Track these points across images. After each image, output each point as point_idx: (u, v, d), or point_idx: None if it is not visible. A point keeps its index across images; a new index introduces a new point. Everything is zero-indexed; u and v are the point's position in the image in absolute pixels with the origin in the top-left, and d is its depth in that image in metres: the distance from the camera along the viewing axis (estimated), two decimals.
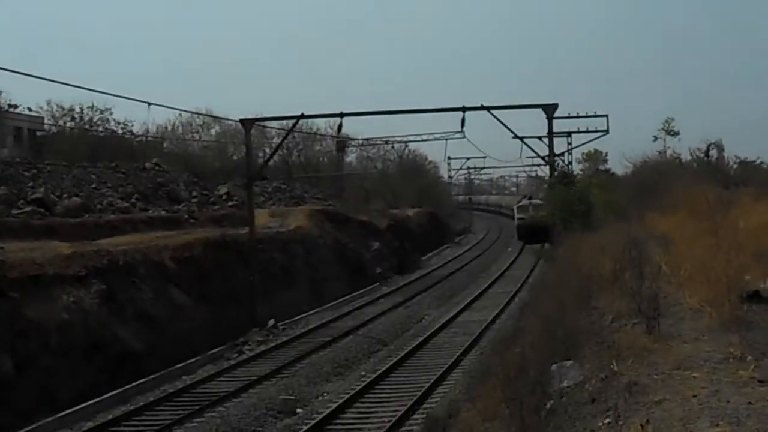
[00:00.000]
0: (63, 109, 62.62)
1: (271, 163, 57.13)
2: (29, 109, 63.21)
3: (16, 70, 25.96)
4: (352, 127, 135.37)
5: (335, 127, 55.52)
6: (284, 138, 54.19)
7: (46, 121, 64.07)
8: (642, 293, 13.17)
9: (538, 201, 71.51)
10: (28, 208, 38.87)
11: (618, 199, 36.04)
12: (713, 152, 43.38)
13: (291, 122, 47.49)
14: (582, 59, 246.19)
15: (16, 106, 61.48)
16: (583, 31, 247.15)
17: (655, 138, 53.49)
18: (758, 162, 40.70)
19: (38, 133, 62.39)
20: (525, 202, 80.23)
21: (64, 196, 43.21)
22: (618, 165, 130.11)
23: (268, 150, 66.36)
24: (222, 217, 49.19)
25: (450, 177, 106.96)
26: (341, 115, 41.86)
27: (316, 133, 77.30)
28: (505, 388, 13.22)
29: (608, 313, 14.34)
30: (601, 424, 9.09)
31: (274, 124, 57.97)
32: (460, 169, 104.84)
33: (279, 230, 46.75)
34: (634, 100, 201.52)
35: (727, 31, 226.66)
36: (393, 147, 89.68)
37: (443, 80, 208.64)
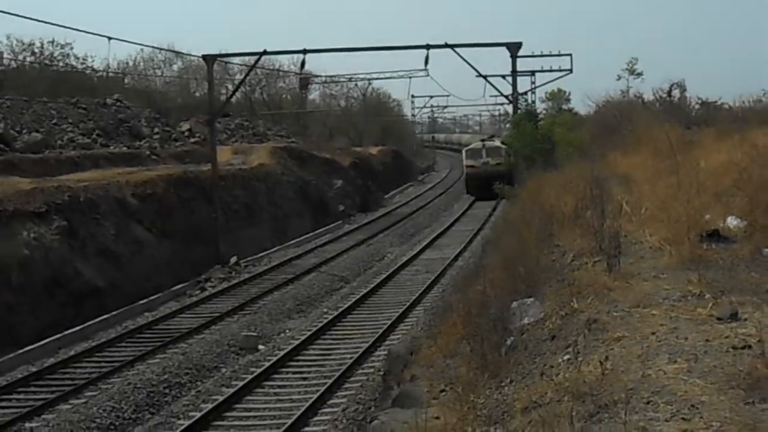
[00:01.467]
0: (23, 43, 61.52)
1: (233, 99, 56.86)
2: None
3: None
4: (315, 65, 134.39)
5: (298, 64, 55.16)
6: (246, 74, 53.81)
7: (5, 55, 62.98)
8: (603, 232, 13.26)
9: (495, 143, 62.81)
10: None
11: (581, 138, 36.14)
12: (676, 92, 43.49)
13: (254, 59, 47.05)
14: None
15: None
16: None
17: (619, 77, 53.47)
18: (720, 103, 40.84)
19: None
20: (477, 144, 66.40)
21: (24, 131, 42.69)
22: (581, 104, 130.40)
23: (230, 86, 65.87)
24: (184, 154, 48.89)
25: (413, 115, 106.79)
26: (304, 51, 41.52)
27: (279, 70, 76.82)
28: (466, 325, 13.33)
29: (569, 252, 14.44)
30: (560, 360, 9.18)
31: (236, 60, 57.48)
32: (424, 107, 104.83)
33: (241, 167, 46.56)
34: (597, 40, 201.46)
35: None
36: (356, 84, 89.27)
37: (407, 17, 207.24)
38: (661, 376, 7.78)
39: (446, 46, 39.94)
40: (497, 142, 62.58)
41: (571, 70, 44.47)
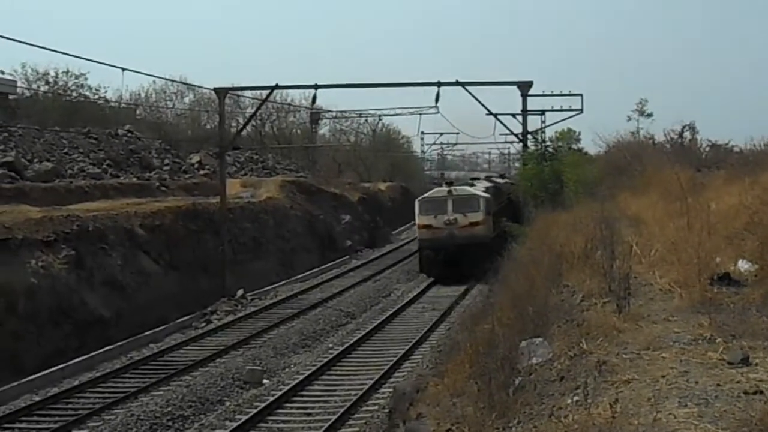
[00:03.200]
0: (37, 73, 61.89)
1: (244, 133, 56.92)
2: (2, 72, 62.47)
3: None
4: (326, 100, 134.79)
5: (309, 99, 55.35)
6: (258, 108, 53.87)
7: (19, 84, 63.35)
8: (613, 272, 13.18)
9: (472, 189, 44.10)
10: None
11: (591, 178, 36.09)
12: (687, 134, 43.51)
13: (265, 92, 47.21)
14: (558, 38, 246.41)
15: None
16: (559, 11, 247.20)
17: (629, 118, 53.59)
18: (730, 145, 40.82)
19: (11, 97, 61.73)
20: (438, 191, 43.54)
21: (35, 160, 42.79)
22: (591, 144, 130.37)
23: (241, 120, 65.98)
24: (193, 186, 48.93)
25: (423, 152, 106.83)
26: (316, 86, 41.68)
27: (290, 104, 76.95)
28: (473, 364, 13.23)
29: (578, 292, 14.35)
30: (569, 401, 9.08)
31: (248, 93, 57.80)
32: (433, 144, 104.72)
33: (250, 200, 46.59)
34: (608, 80, 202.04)
35: (708, 10, 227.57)
36: (366, 120, 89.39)
37: (419, 55, 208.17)
38: (672, 420, 7.68)
39: (457, 83, 40.04)
40: (480, 187, 45.33)
41: (581, 110, 44.55)
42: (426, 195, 42.83)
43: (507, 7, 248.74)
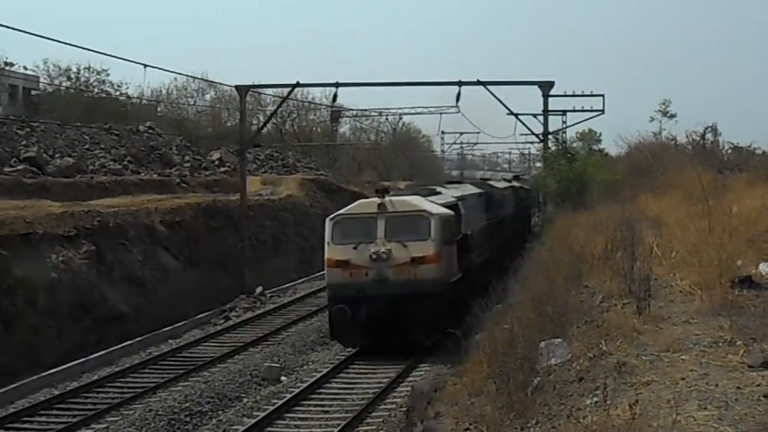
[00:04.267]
0: (59, 68, 62.25)
1: (264, 130, 56.97)
2: (25, 68, 62.87)
3: (15, 27, 25.76)
4: (346, 98, 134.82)
5: (330, 97, 55.38)
6: (279, 106, 54.02)
7: (41, 80, 63.70)
8: (633, 274, 13.13)
9: (450, 193, 29.57)
10: (20, 167, 38.66)
11: (612, 179, 36.00)
12: (709, 136, 43.33)
13: (286, 90, 47.26)
14: (580, 37, 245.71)
15: (12, 65, 61.12)
16: (582, 11, 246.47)
17: (652, 119, 53.41)
18: (752, 147, 40.65)
19: (33, 92, 62.07)
20: (366, 204, 25.93)
21: (57, 155, 43.00)
22: (612, 145, 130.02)
23: (262, 117, 66.12)
24: (213, 183, 49.09)
25: (443, 152, 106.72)
26: (337, 85, 41.75)
27: (310, 102, 77.03)
28: (492, 364, 13.21)
29: (598, 293, 14.30)
30: (588, 402, 9.06)
31: (269, 91, 57.83)
32: (453, 144, 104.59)
33: (270, 198, 46.70)
34: (630, 80, 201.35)
35: (732, 10, 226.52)
36: (387, 119, 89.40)
37: (440, 54, 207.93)
38: (692, 422, 7.65)
39: (478, 83, 39.99)
40: (447, 196, 28.42)
41: (603, 111, 44.36)
42: (344, 210, 25.68)
43: (529, 6, 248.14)
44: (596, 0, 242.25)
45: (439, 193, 28.29)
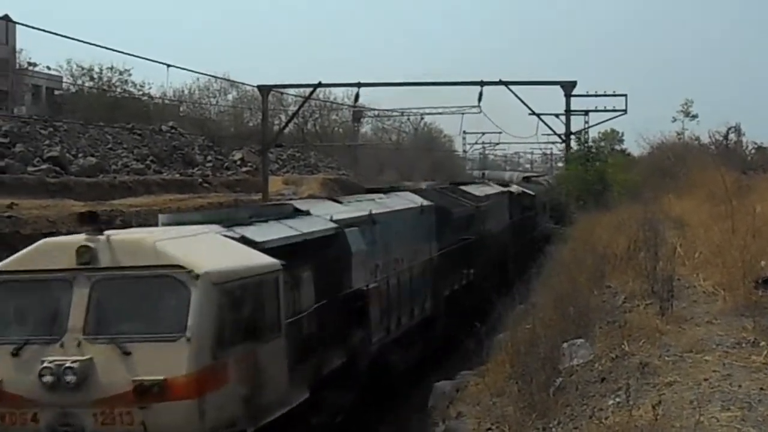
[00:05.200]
0: (82, 68, 62.65)
1: (286, 130, 57.18)
2: (48, 68, 63.32)
3: (38, 27, 25.92)
4: (368, 98, 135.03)
5: (352, 97, 55.47)
6: (301, 106, 54.14)
7: (64, 80, 64.14)
8: (656, 274, 13.09)
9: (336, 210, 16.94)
10: (43, 166, 38.93)
11: (635, 179, 35.89)
12: (732, 136, 43.09)
13: (308, 90, 47.38)
14: (602, 37, 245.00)
15: (35, 65, 61.60)
16: (604, 11, 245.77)
17: (674, 119, 53.18)
18: None
19: (56, 92, 62.47)
20: (57, 245, 10.73)
21: (80, 155, 43.27)
22: (634, 145, 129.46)
23: (284, 117, 66.33)
24: (235, 183, 49.28)
25: (465, 151, 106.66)
26: (358, 85, 41.88)
27: (332, 102, 77.18)
28: (514, 364, 13.21)
29: (621, 293, 14.27)
30: (610, 403, 9.04)
31: (291, 91, 57.99)
32: (475, 143, 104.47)
33: (292, 198, 46.75)
34: (653, 80, 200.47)
35: (754, 9, 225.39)
36: (409, 119, 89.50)
37: (462, 54, 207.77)
38: (714, 423, 7.63)
39: (500, 83, 40.01)
40: (340, 213, 16.29)
41: (625, 111, 44.25)
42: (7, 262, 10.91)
43: (551, 5, 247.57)
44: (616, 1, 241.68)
45: (300, 215, 14.75)
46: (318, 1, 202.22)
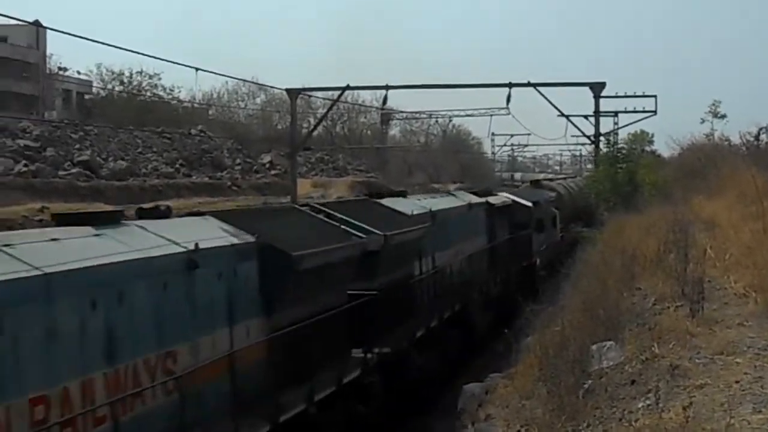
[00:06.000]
0: (113, 73, 63.11)
1: (315, 133, 57.27)
2: (78, 73, 63.81)
3: (69, 32, 26.14)
4: (396, 101, 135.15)
5: (380, 100, 55.53)
6: (329, 109, 54.23)
7: (95, 84, 64.64)
8: (686, 276, 13.00)
9: None
10: (74, 170, 39.24)
11: (664, 181, 35.68)
12: (763, 136, 42.74)
13: (336, 93, 47.45)
14: (630, 38, 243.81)
15: (65, 69, 62.10)
16: (634, 11, 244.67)
17: (702, 120, 52.79)
18: None
19: (86, 97, 62.93)
20: None
21: (110, 159, 43.57)
22: (664, 146, 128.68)
23: (312, 120, 66.47)
24: (264, 186, 49.46)
25: (493, 153, 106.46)
26: (387, 87, 41.89)
27: (361, 105, 77.28)
28: (543, 366, 13.15)
29: (651, 295, 14.18)
30: (640, 405, 8.99)
31: (319, 94, 58.05)
32: (504, 145, 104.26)
33: (320, 201, 46.86)
34: (683, 80, 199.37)
35: None
36: (437, 121, 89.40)
37: (489, 56, 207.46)
38: (746, 426, 7.57)
39: (529, 84, 39.89)
40: None
41: (655, 112, 44.02)
42: None
43: (580, 6, 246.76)
44: (645, 1, 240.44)
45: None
46: (345, 5, 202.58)
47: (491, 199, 27.71)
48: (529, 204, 31.94)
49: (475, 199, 25.65)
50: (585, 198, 45.84)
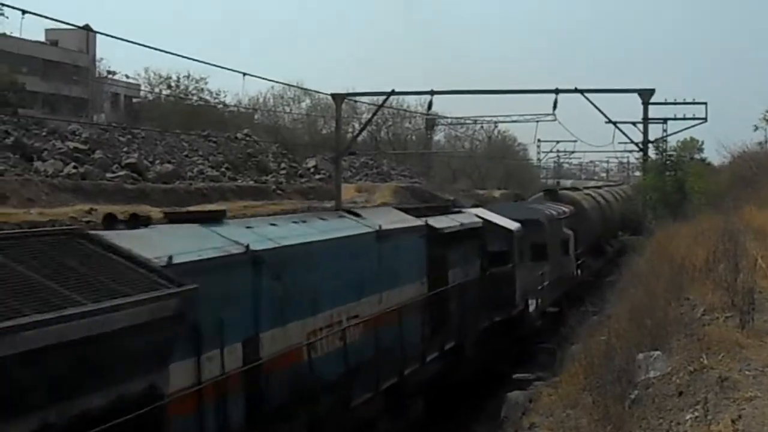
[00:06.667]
0: (160, 77, 63.59)
1: (359, 138, 57.32)
2: (127, 76, 64.39)
3: (118, 36, 26.33)
4: (441, 106, 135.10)
5: (425, 105, 55.40)
6: (374, 114, 54.26)
7: (142, 88, 65.18)
8: (736, 286, 12.78)
9: None
10: (121, 173, 39.55)
11: (715, 189, 35.23)
12: None
13: (381, 98, 47.43)
14: (682, 44, 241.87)
15: (114, 73, 62.68)
16: (684, 20, 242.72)
17: (756, 128, 51.98)
18: None
19: (134, 100, 63.50)
20: None
21: (157, 162, 43.87)
22: (714, 154, 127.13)
23: (357, 125, 66.54)
24: (309, 190, 49.50)
25: (539, 160, 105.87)
26: (432, 92, 41.80)
27: (405, 110, 77.23)
28: (588, 376, 12.99)
29: (699, 306, 13.96)
30: (688, 417, 8.82)
31: (364, 99, 58.10)
32: (550, 152, 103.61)
33: (364, 206, 46.83)
34: (735, 87, 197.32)
35: None
36: (482, 127, 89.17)
37: (536, 62, 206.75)
38: None
39: (576, 91, 39.61)
40: None
41: (705, 119, 43.45)
42: None
43: (627, 12, 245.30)
44: (696, 6, 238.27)
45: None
46: (391, 9, 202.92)
47: (436, 222, 17.78)
48: (511, 227, 22.66)
49: (400, 223, 16.15)
50: (633, 206, 45.29)
